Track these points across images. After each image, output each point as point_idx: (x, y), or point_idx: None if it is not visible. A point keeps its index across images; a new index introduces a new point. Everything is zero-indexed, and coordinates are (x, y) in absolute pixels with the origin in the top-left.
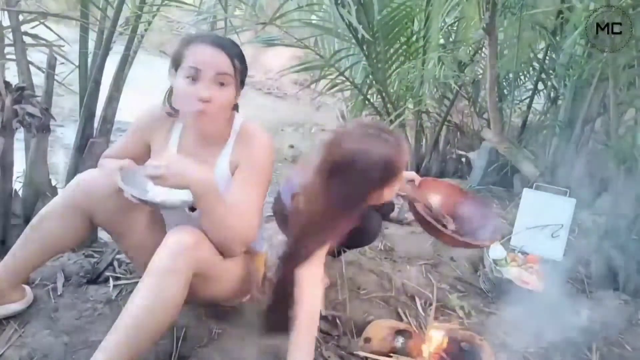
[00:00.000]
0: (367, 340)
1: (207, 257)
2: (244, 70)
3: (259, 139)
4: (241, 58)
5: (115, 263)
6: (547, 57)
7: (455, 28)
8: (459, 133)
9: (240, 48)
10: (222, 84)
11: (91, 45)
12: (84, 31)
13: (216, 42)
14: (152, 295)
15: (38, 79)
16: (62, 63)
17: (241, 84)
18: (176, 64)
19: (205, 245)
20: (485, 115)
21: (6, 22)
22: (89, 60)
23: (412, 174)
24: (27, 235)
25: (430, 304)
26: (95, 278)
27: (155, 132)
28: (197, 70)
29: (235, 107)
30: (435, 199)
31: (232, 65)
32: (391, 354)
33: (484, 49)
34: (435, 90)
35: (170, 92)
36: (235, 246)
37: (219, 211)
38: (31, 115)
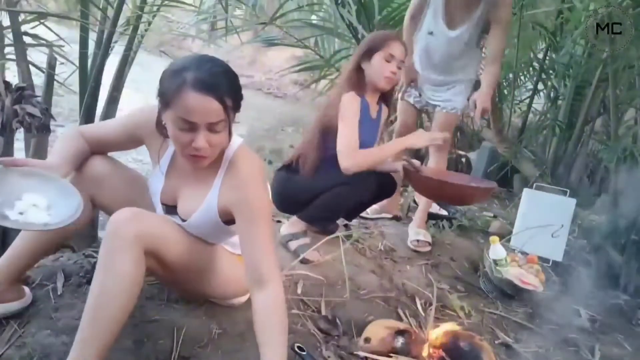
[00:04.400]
0: (367, 340)
1: (154, 232)
2: (238, 100)
3: (248, 175)
4: (232, 90)
5: None
6: (547, 57)
7: None
8: (459, 133)
9: (232, 71)
10: (215, 131)
11: (91, 45)
12: (84, 31)
13: (206, 87)
14: (106, 274)
15: (38, 79)
16: (62, 63)
17: (237, 108)
18: (165, 103)
19: (148, 220)
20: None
21: (6, 22)
22: (89, 60)
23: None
24: None
25: (430, 304)
26: None
27: (152, 137)
28: (188, 122)
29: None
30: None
31: (224, 108)
32: (391, 354)
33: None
34: None
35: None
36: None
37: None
38: (31, 115)
